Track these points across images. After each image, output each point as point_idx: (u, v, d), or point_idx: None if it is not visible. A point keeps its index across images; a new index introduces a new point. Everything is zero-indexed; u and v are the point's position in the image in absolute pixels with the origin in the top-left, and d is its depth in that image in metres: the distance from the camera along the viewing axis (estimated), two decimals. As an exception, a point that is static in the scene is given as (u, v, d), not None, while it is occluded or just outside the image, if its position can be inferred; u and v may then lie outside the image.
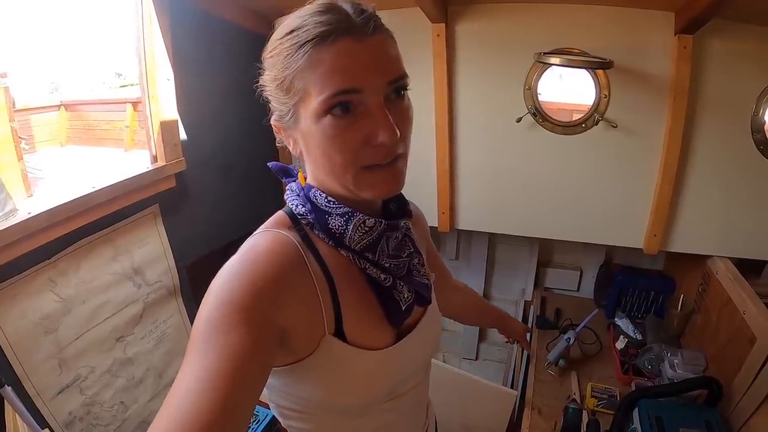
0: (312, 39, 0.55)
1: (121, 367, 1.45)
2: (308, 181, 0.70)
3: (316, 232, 0.67)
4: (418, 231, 0.86)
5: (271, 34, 0.62)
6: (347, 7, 0.57)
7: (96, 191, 1.30)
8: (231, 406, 0.47)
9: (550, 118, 1.62)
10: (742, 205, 1.56)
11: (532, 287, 2.33)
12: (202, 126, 1.69)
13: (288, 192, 0.71)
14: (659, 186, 1.57)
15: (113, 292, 1.42)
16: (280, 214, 0.70)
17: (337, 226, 0.65)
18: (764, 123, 1.45)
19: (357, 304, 0.67)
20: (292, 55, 0.57)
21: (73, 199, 1.24)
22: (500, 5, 1.56)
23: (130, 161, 2.81)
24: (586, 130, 1.60)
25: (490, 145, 1.73)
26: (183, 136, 1.58)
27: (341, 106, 0.56)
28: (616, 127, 1.54)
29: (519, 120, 1.62)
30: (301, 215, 0.67)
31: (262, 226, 0.68)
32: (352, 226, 0.64)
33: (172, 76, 1.48)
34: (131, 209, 1.44)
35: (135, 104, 3.04)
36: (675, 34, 1.41)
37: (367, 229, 0.65)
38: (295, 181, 0.72)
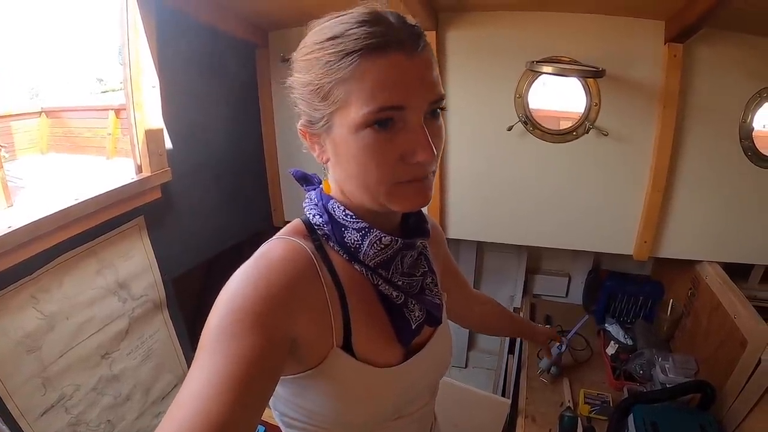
0: (360, 49, 0.53)
1: (107, 384, 1.40)
2: (332, 190, 0.68)
3: (332, 244, 0.66)
4: (434, 247, 0.86)
5: (305, 35, 0.60)
6: (393, 20, 0.56)
7: (79, 203, 1.26)
8: (239, 411, 0.47)
9: (541, 126, 1.63)
10: (730, 210, 1.59)
11: (521, 294, 2.33)
12: (188, 136, 1.65)
13: (306, 201, 0.70)
14: (649, 193, 1.59)
15: (98, 308, 1.37)
16: (296, 222, 0.69)
17: (352, 241, 0.64)
18: (752, 130, 1.48)
19: (367, 319, 0.67)
20: (335, 63, 0.55)
21: (56, 212, 1.20)
22: (491, 13, 1.57)
23: (112, 169, 2.75)
24: (576, 138, 1.62)
25: (480, 154, 1.73)
26: (168, 145, 1.54)
27: (382, 121, 0.55)
28: (607, 135, 1.56)
29: (510, 128, 1.62)
30: (317, 226, 0.66)
31: (278, 233, 0.67)
32: (367, 242, 0.64)
33: (158, 83, 1.44)
34: (115, 221, 1.40)
35: (117, 111, 2.98)
36: (665, 43, 1.44)
37: (382, 246, 0.64)
38: (314, 189, 0.71)
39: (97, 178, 1.35)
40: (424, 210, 0.74)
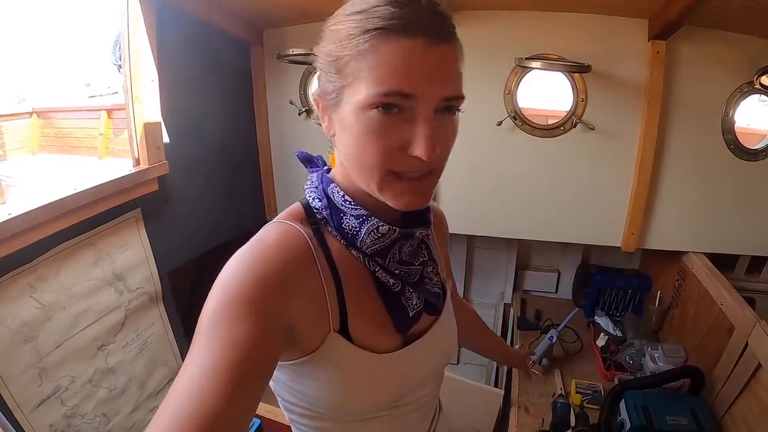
0: (381, 27, 0.51)
1: (102, 377, 1.40)
2: (336, 167, 0.68)
3: (329, 229, 0.66)
4: (439, 236, 0.85)
5: (339, 7, 0.58)
6: (426, 4, 0.53)
7: (77, 193, 1.26)
8: (235, 398, 0.47)
9: (530, 121, 1.67)
10: (715, 202, 1.63)
11: (511, 290, 2.37)
12: (185, 130, 1.66)
13: (308, 183, 0.69)
14: (635, 185, 1.63)
15: (94, 299, 1.37)
16: (296, 205, 0.68)
17: (350, 227, 0.64)
18: (734, 123, 1.53)
19: (363, 305, 0.66)
20: (355, 37, 0.53)
21: (54, 201, 1.20)
22: (482, 12, 1.60)
23: (104, 170, 2.74)
24: (564, 133, 1.65)
25: (470, 149, 1.76)
26: (166, 139, 1.56)
27: (388, 106, 0.53)
28: (594, 129, 1.60)
29: (500, 123, 1.66)
30: (316, 209, 0.66)
31: (277, 217, 0.66)
32: (365, 229, 0.63)
33: (156, 77, 1.46)
34: (113, 212, 1.40)
35: (109, 111, 2.98)
36: (648, 40, 1.49)
37: (379, 235, 0.63)
38: (318, 170, 0.70)
39: (89, 178, 1.35)
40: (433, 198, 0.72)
